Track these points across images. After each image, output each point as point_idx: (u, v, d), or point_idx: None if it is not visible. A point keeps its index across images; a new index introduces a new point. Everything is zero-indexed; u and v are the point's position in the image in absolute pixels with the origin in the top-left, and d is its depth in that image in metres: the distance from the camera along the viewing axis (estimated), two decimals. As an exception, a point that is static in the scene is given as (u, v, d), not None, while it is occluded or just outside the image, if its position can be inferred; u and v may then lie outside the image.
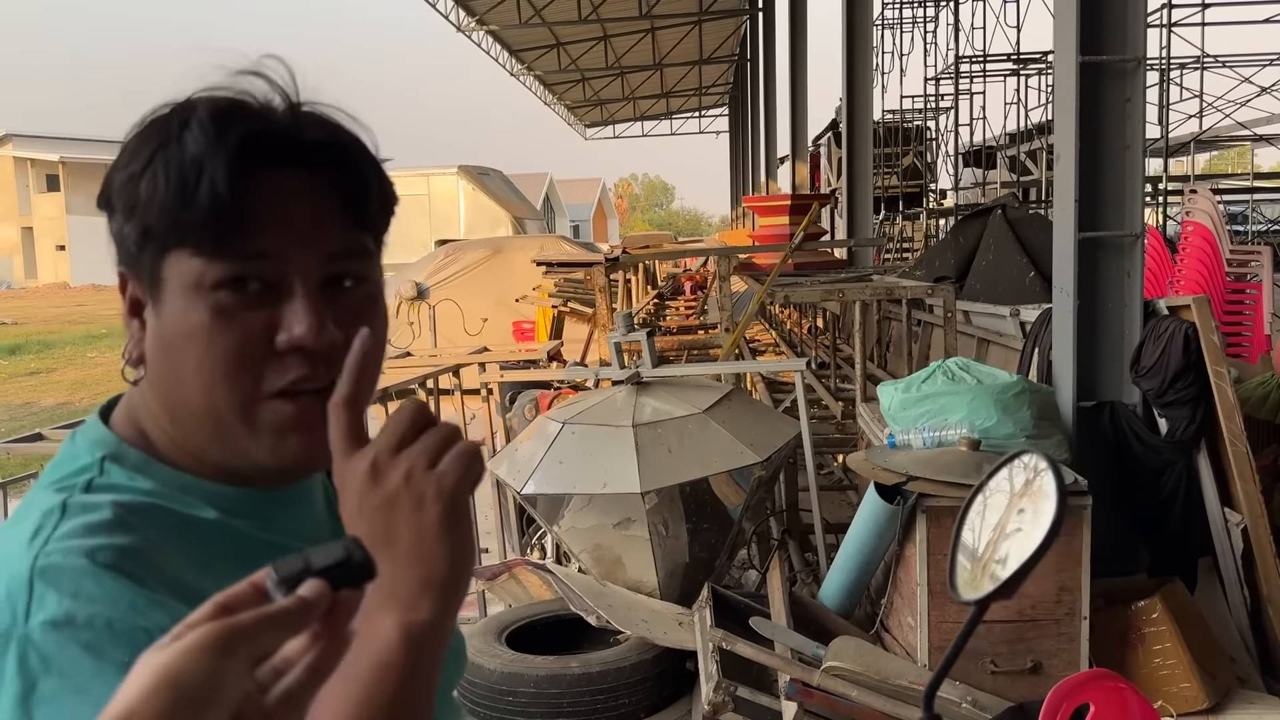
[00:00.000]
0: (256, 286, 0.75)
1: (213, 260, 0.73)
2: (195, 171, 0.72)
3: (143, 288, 0.77)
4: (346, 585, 0.56)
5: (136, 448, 0.79)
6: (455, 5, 17.54)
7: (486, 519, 5.15)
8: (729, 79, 29.58)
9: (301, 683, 0.54)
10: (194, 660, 0.50)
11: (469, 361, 4.89)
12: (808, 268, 7.53)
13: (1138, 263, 3.70)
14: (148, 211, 0.74)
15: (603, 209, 64.60)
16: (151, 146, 0.74)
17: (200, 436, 0.79)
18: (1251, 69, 13.11)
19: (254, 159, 0.73)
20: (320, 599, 0.54)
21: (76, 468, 0.78)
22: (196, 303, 0.74)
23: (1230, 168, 26.39)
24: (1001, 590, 0.85)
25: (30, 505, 0.76)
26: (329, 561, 0.55)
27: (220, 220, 0.72)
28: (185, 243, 0.74)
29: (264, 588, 0.55)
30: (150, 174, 0.73)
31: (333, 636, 0.55)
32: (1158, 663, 3.06)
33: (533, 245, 12.79)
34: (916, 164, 17.78)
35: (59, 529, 0.71)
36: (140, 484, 0.77)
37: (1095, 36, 3.60)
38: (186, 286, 0.74)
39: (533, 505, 3.85)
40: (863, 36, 9.38)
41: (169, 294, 0.75)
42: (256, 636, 0.52)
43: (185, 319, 0.75)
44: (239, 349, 0.75)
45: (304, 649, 0.54)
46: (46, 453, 6.13)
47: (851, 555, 3.32)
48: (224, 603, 0.54)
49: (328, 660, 0.55)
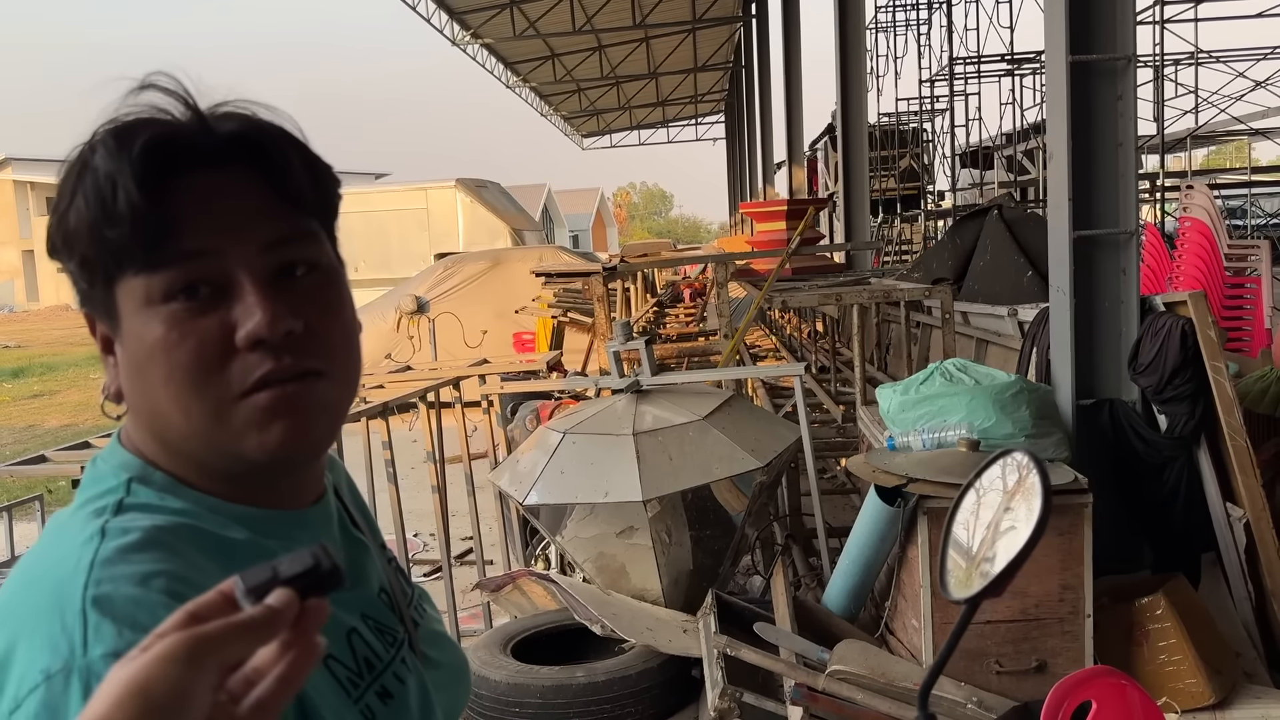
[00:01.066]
0: (206, 291, 0.74)
1: (153, 273, 0.73)
2: (110, 187, 0.72)
3: (105, 323, 0.78)
4: (315, 593, 0.55)
5: (161, 470, 0.79)
6: (449, 20, 17.61)
7: (491, 530, 5.15)
8: (724, 86, 29.66)
9: (273, 692, 0.54)
10: (162, 670, 0.50)
11: (469, 374, 4.90)
12: (806, 272, 7.55)
13: (1133, 260, 3.70)
14: (80, 241, 0.74)
15: (601, 218, 64.68)
16: (71, 181, 0.75)
17: (192, 453, 0.78)
18: (1246, 63, 13.14)
19: (164, 164, 0.73)
20: (288, 607, 0.54)
21: (103, 489, 0.77)
22: (151, 320, 0.74)
23: (1228, 162, 26.42)
24: (990, 588, 0.86)
25: (63, 530, 0.75)
26: (297, 570, 0.55)
27: (146, 230, 0.72)
28: (123, 265, 0.74)
29: (233, 597, 0.54)
30: (74, 205, 0.74)
31: (303, 645, 0.55)
32: (1163, 659, 3.06)
33: (532, 256, 12.83)
34: (914, 166, 17.81)
35: (100, 553, 0.70)
36: (171, 504, 0.77)
37: (1085, 36, 3.61)
38: (139, 307, 0.74)
39: (535, 516, 3.86)
40: (855, 40, 9.41)
41: (126, 320, 0.76)
42: (225, 646, 0.52)
43: (144, 338, 0.75)
44: (199, 356, 0.74)
45: (275, 659, 0.54)
46: (50, 474, 6.14)
47: (854, 558, 3.32)
48: (193, 612, 0.53)
49: (298, 670, 0.54)
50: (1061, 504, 2.99)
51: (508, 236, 23.82)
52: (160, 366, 0.75)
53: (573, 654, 3.50)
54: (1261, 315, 5.99)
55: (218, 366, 0.75)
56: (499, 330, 10.62)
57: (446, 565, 4.50)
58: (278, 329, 0.74)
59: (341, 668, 0.79)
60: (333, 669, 0.78)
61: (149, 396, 0.77)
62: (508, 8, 17.47)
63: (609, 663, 3.27)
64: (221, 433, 0.76)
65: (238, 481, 0.79)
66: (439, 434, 4.58)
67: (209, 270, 0.74)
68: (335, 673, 0.78)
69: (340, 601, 0.81)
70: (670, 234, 70.02)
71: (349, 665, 0.79)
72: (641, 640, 3.27)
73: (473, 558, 5.21)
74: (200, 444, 0.77)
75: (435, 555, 5.81)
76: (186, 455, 0.79)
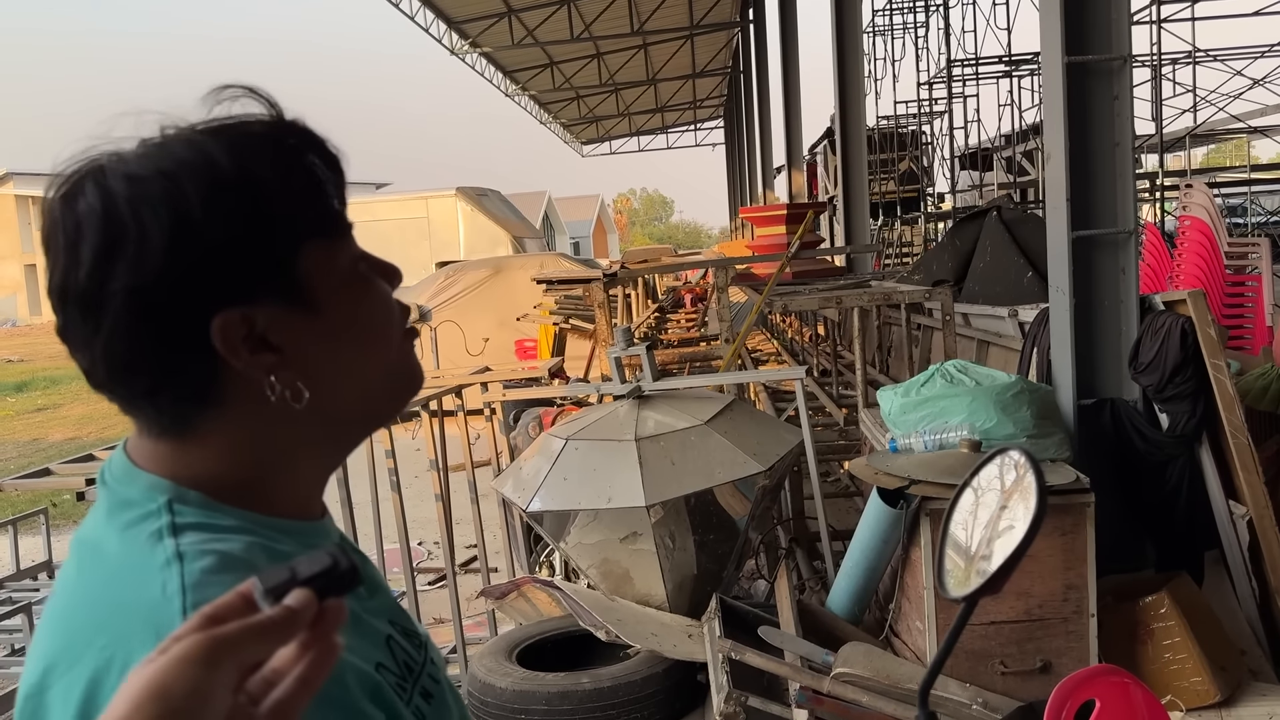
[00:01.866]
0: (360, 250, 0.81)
1: (335, 235, 0.78)
2: (315, 157, 0.77)
3: (277, 309, 0.75)
4: (332, 593, 0.55)
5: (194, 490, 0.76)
6: (448, 30, 17.67)
7: (495, 538, 5.15)
8: (723, 91, 29.70)
9: (292, 694, 0.53)
10: (180, 671, 0.50)
11: (471, 381, 4.90)
12: (806, 275, 7.56)
13: (1132, 259, 3.71)
14: (280, 216, 0.75)
15: (602, 225, 64.73)
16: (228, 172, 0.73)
17: (337, 434, 0.82)
18: (1243, 61, 13.16)
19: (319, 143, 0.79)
20: (306, 608, 0.54)
21: (143, 512, 0.73)
22: (355, 277, 0.79)
23: (1229, 160, 26.42)
24: (988, 586, 0.87)
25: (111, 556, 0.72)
26: (315, 570, 0.55)
27: (337, 197, 0.78)
28: (319, 231, 0.77)
29: (251, 598, 0.54)
30: (271, 181, 0.75)
31: (321, 646, 0.54)
32: (1168, 658, 3.06)
33: (533, 264, 12.83)
34: (913, 168, 17.83)
35: (188, 577, 0.68)
36: (221, 520, 0.74)
37: (1080, 37, 3.62)
38: (344, 269, 0.78)
39: (539, 522, 3.86)
40: (852, 44, 9.43)
41: (326, 288, 0.77)
42: (243, 647, 0.52)
43: (358, 297, 0.79)
44: (393, 305, 0.82)
45: (294, 660, 0.54)
46: (55, 487, 6.15)
47: (858, 561, 3.32)
48: (211, 614, 0.53)
49: (317, 670, 0.54)
50: (1064, 504, 2.99)
51: (508, 244, 23.87)
52: (374, 321, 0.80)
53: (578, 660, 3.51)
54: (1262, 313, 5.99)
55: (399, 312, 0.83)
56: (501, 338, 10.65)
57: (451, 573, 4.51)
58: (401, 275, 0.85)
59: (391, 675, 0.79)
60: (386, 678, 0.78)
61: (363, 357, 0.80)
62: (506, 16, 17.53)
63: (614, 669, 3.28)
64: (405, 365, 0.83)
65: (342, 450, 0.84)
66: (442, 442, 4.59)
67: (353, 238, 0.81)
68: (389, 681, 0.78)
69: (372, 610, 0.81)
70: (671, 240, 70.11)
71: (395, 670, 0.80)
72: (646, 646, 3.27)
73: (477, 565, 5.22)
74: (390, 382, 0.82)
75: (439, 564, 5.81)
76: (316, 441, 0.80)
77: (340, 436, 0.83)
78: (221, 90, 0.77)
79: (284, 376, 0.75)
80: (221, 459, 0.76)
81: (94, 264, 0.70)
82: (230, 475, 0.76)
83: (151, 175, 0.71)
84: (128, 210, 0.70)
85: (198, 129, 0.75)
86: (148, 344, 0.72)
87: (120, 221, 0.70)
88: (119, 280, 0.70)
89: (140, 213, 0.70)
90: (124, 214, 0.70)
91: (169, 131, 0.75)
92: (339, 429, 0.81)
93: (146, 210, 0.70)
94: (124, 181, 0.71)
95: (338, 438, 0.82)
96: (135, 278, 0.70)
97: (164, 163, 0.72)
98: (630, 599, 3.64)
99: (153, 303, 0.71)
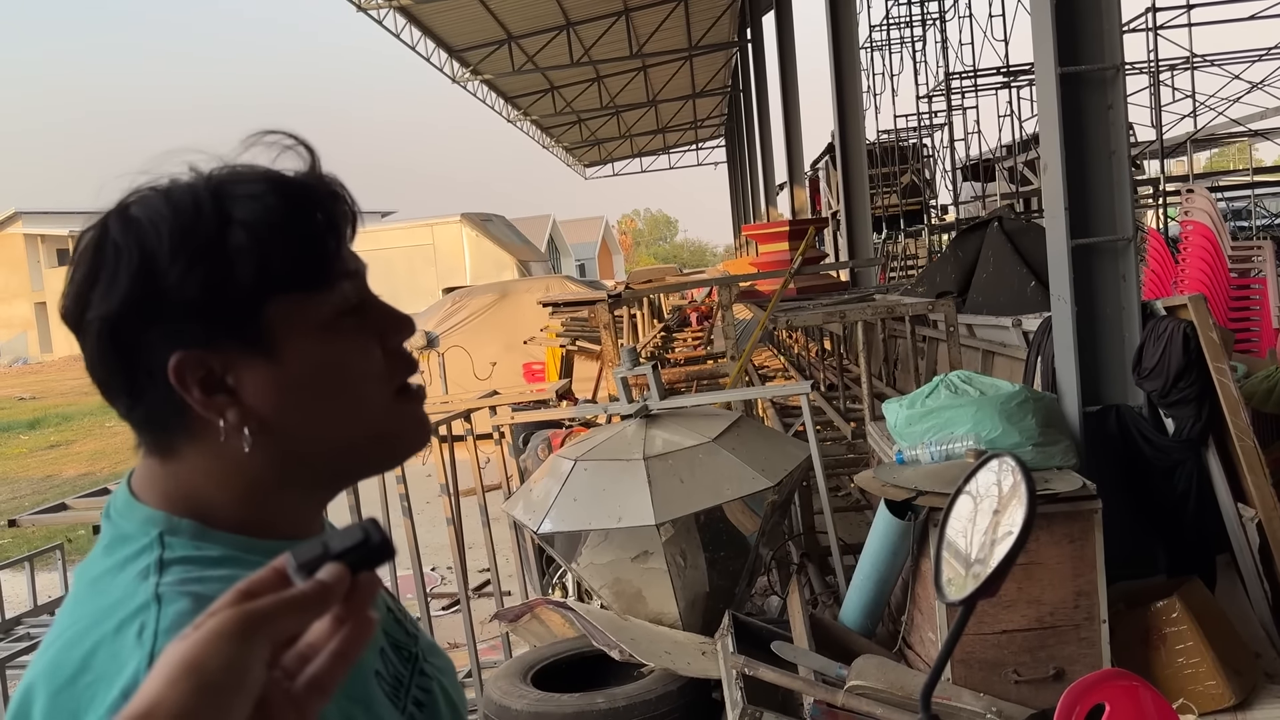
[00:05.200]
0: (358, 305, 0.82)
1: (330, 289, 0.80)
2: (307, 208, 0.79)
3: (235, 353, 0.77)
4: (365, 567, 0.56)
5: (186, 518, 0.78)
6: (449, 58, 17.83)
7: (507, 561, 5.17)
8: (723, 110, 29.86)
9: (327, 668, 0.54)
10: (215, 646, 0.50)
11: (480, 405, 4.93)
12: (811, 291, 7.59)
13: (1132, 266, 3.73)
14: (247, 267, 0.76)
15: (607, 246, 64.90)
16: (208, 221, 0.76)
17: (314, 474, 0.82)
18: (1241, 65, 13.19)
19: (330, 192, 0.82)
20: (340, 582, 0.54)
21: (136, 548, 0.76)
22: (330, 335, 0.79)
23: (1231, 164, 26.40)
24: (984, 588, 0.89)
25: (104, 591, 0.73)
26: (347, 544, 0.56)
27: (327, 249, 0.80)
28: (293, 284, 0.78)
29: (285, 573, 0.55)
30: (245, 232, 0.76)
31: (356, 620, 0.55)
32: (1181, 662, 3.06)
33: (538, 287, 12.88)
34: (915, 181, 17.88)
35: (162, 623, 0.69)
36: (209, 551, 0.76)
37: (1072, 48, 3.66)
38: (321, 321, 0.79)
39: (550, 544, 3.88)
40: (850, 60, 9.49)
41: (289, 339, 0.78)
42: (277, 621, 0.52)
43: (328, 351, 0.79)
44: (377, 360, 0.83)
45: (328, 634, 0.54)
46: (72, 522, 6.18)
47: (868, 574, 3.33)
48: (245, 589, 0.54)
49: (352, 645, 0.55)
50: (1071, 511, 3.00)
51: (514, 268, 23.95)
52: (350, 373, 0.81)
53: (593, 681, 3.51)
54: (1268, 315, 5.99)
55: (383, 369, 0.83)
56: (508, 361, 10.67)
57: (464, 598, 4.52)
58: (414, 328, 0.86)
59: (385, 683, 0.82)
60: (381, 685, 0.81)
61: (321, 409, 0.80)
62: (506, 43, 17.69)
63: (629, 688, 3.28)
64: (389, 425, 0.83)
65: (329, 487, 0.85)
66: (452, 467, 4.62)
67: (359, 288, 0.83)
68: (383, 688, 0.81)
69: None
70: (676, 259, 70.29)
71: (388, 680, 0.83)
72: (660, 664, 3.28)
73: (490, 589, 5.23)
74: (368, 441, 0.83)
75: (453, 588, 5.82)
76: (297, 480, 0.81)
77: (321, 478, 0.83)
78: (261, 135, 0.80)
79: (233, 418, 0.77)
80: (208, 480, 0.79)
81: (78, 291, 0.77)
82: (218, 497, 0.79)
83: (142, 218, 0.76)
84: (111, 247, 0.76)
85: (211, 176, 0.79)
86: (117, 369, 0.77)
87: (103, 256, 0.76)
88: (94, 309, 0.76)
89: (119, 250, 0.76)
90: (107, 250, 0.76)
91: (188, 176, 0.79)
92: (318, 471, 0.82)
93: (124, 249, 0.76)
94: (119, 221, 0.77)
95: (318, 478, 0.83)
96: (103, 308, 0.75)
97: (159, 207, 0.77)
98: (643, 618, 3.65)
99: (118, 333, 0.76)
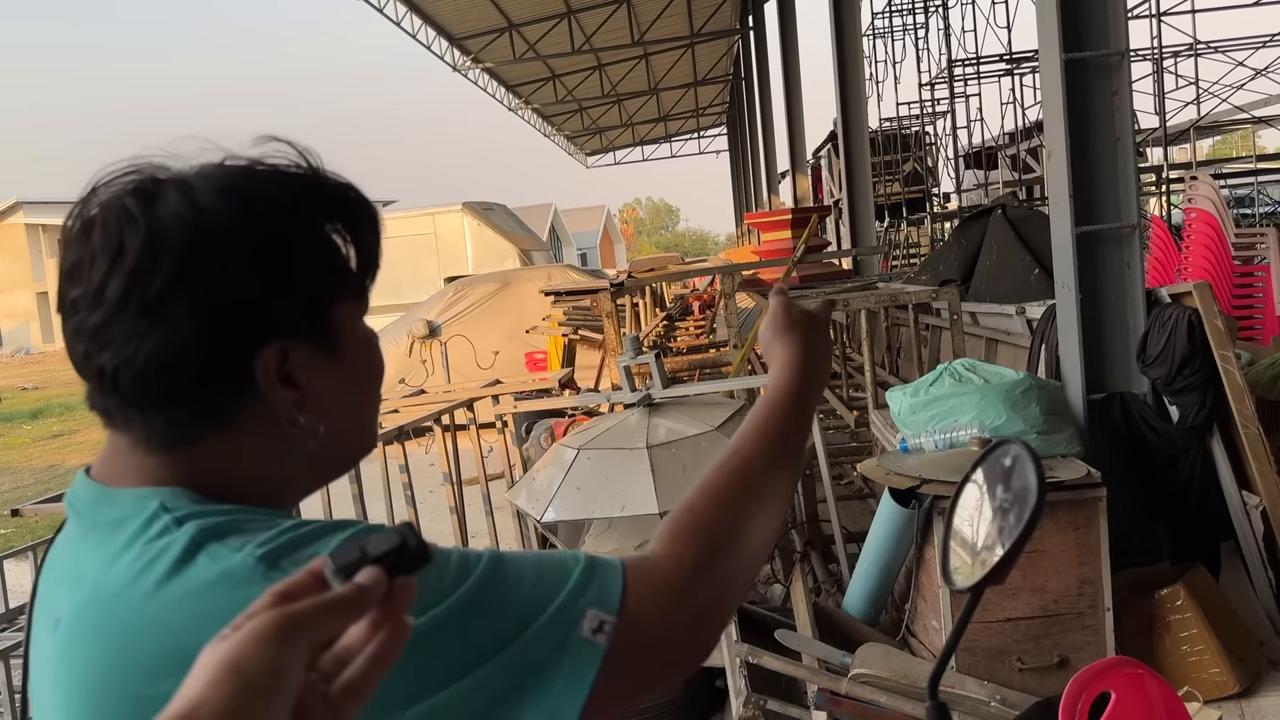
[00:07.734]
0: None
1: (361, 299, 0.83)
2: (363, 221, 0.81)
3: (308, 350, 0.77)
4: (402, 572, 0.56)
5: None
6: (450, 46, 17.77)
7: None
8: (725, 98, 29.77)
9: (364, 672, 0.54)
10: (254, 648, 0.50)
11: (483, 394, 4.93)
12: (813, 279, 7.57)
13: (1137, 253, 3.72)
14: (335, 266, 0.79)
15: (609, 235, 64.85)
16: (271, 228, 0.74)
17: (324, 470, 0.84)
18: (1245, 52, 13.14)
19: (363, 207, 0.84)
20: (377, 585, 0.55)
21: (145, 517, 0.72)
22: (368, 338, 0.84)
23: (1235, 151, 26.33)
24: (991, 575, 0.89)
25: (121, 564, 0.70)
26: (385, 548, 0.56)
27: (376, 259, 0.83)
28: (354, 288, 0.81)
29: (322, 576, 0.55)
30: (342, 233, 0.79)
31: (392, 624, 0.55)
32: (1185, 650, 3.06)
33: (540, 276, 12.85)
34: (918, 169, 17.83)
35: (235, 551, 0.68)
36: (213, 505, 0.73)
37: (1077, 33, 3.64)
38: (358, 327, 0.83)
39: (554, 533, 3.88)
40: (852, 48, 9.45)
41: (347, 341, 0.81)
42: (315, 623, 0.52)
43: (369, 355, 0.84)
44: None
45: (365, 638, 0.55)
46: (74, 513, 6.19)
47: (872, 562, 3.33)
48: (283, 591, 0.54)
49: (389, 649, 0.55)
50: (1075, 498, 3.00)
51: (516, 257, 23.89)
52: (378, 378, 0.86)
53: (596, 669, 3.51)
54: (1272, 302, 5.97)
55: None
56: (510, 350, 10.66)
57: (468, 586, 4.52)
58: None
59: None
60: None
61: (362, 410, 0.85)
62: (507, 31, 17.62)
63: (632, 676, 3.28)
64: (372, 429, 0.88)
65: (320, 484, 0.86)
66: (455, 456, 4.62)
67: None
68: None
69: None
70: (678, 248, 70.17)
71: None
72: (664, 652, 3.28)
73: (494, 578, 5.23)
74: (361, 443, 0.87)
75: (456, 577, 5.82)
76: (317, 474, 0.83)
77: (325, 474, 0.85)
78: (266, 141, 0.79)
79: (305, 413, 0.77)
80: (208, 470, 0.76)
81: (176, 269, 0.70)
82: (209, 485, 0.75)
83: (238, 201, 0.73)
84: (220, 227, 0.71)
85: (291, 172, 0.78)
86: (195, 355, 0.72)
87: (212, 235, 0.71)
88: (197, 290, 0.71)
89: (233, 232, 0.72)
90: (215, 229, 0.71)
91: (233, 164, 0.76)
92: (327, 467, 0.84)
93: (240, 231, 0.72)
94: (216, 197, 0.72)
95: (323, 474, 0.85)
96: (213, 292, 0.71)
97: (250, 191, 0.74)
98: (647, 606, 3.65)
99: (218, 318, 0.72)
